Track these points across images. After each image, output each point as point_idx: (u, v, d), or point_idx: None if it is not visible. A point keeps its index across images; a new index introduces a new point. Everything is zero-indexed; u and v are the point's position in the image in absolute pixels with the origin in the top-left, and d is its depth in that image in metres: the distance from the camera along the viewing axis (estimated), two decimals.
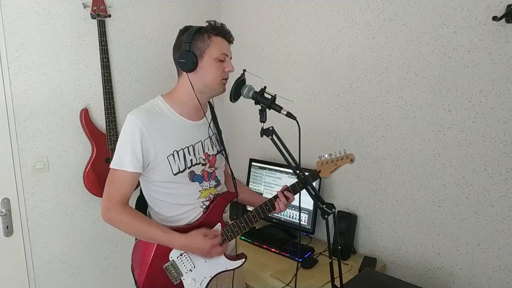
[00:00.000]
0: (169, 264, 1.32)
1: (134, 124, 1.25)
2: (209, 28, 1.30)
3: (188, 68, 1.28)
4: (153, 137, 1.26)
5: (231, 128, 2.63)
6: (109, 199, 1.27)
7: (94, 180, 1.95)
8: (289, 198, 1.39)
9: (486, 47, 1.47)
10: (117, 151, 1.28)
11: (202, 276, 1.35)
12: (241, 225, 1.38)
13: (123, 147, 1.26)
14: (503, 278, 1.53)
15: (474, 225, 1.58)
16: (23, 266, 1.83)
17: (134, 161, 1.25)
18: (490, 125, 1.50)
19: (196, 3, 2.41)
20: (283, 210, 1.39)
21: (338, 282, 1.23)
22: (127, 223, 1.27)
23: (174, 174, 1.31)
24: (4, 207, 1.75)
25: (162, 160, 1.29)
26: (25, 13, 1.75)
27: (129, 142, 1.25)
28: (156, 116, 1.29)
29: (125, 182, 1.27)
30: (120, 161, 1.26)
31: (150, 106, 1.32)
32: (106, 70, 1.95)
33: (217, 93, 1.35)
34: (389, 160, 1.82)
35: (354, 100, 1.91)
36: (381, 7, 1.76)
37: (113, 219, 1.27)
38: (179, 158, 1.32)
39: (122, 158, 1.26)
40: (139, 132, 1.24)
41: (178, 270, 1.33)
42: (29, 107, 1.80)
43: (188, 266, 1.33)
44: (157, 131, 1.27)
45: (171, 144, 1.30)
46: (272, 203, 1.39)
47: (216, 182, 1.42)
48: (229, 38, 1.34)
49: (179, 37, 1.32)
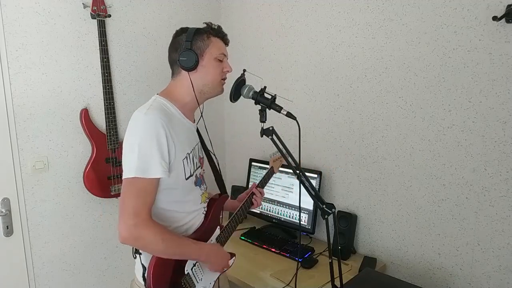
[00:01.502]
0: (186, 278, 1.27)
1: (156, 124, 1.13)
2: (207, 29, 1.29)
3: (190, 66, 1.24)
4: (173, 138, 1.17)
5: (231, 128, 2.63)
6: (136, 215, 1.09)
7: (94, 180, 1.95)
8: (262, 193, 1.62)
9: (486, 47, 1.47)
10: (138, 155, 1.11)
11: (208, 282, 1.37)
12: (233, 225, 1.48)
13: (147, 151, 1.11)
14: (503, 278, 1.53)
15: (474, 225, 1.58)
16: (23, 266, 1.83)
17: (163, 165, 1.13)
18: (490, 125, 1.50)
19: (196, 3, 2.41)
20: (260, 205, 1.61)
21: (338, 282, 1.23)
22: (159, 239, 1.12)
23: (186, 178, 1.25)
24: (4, 207, 1.75)
25: (178, 164, 1.21)
26: (25, 13, 1.75)
27: (154, 144, 1.12)
28: (170, 116, 1.21)
29: (151, 191, 1.13)
30: (146, 167, 1.11)
31: (159, 105, 1.21)
32: (106, 70, 1.95)
33: (216, 93, 1.35)
34: (389, 160, 1.82)
35: (354, 100, 1.91)
36: (381, 7, 1.76)
37: (143, 237, 1.11)
38: (190, 161, 1.27)
39: (148, 163, 1.11)
40: (164, 131, 1.13)
41: (192, 282, 1.30)
42: (29, 107, 1.80)
43: (200, 275, 1.32)
44: (174, 132, 1.18)
45: (184, 146, 1.25)
46: (250, 199, 1.57)
47: (206, 185, 1.43)
48: (226, 40, 1.35)
49: (176, 37, 1.30)
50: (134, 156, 1.11)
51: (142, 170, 1.10)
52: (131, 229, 1.09)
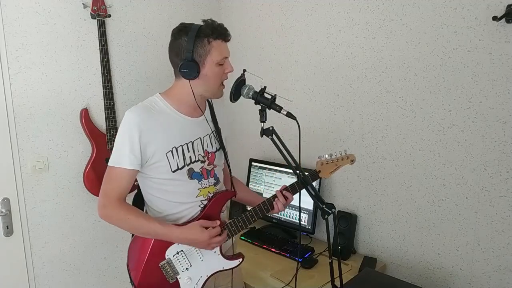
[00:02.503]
0: (165, 263, 1.31)
1: (132, 121, 1.25)
2: (208, 33, 1.26)
3: (190, 77, 1.27)
4: (152, 133, 1.26)
5: (231, 128, 2.63)
6: (106, 196, 1.27)
7: (94, 180, 1.95)
8: (287, 198, 1.38)
9: (486, 47, 1.47)
10: (114, 148, 1.28)
11: (198, 275, 1.34)
12: (239, 224, 1.37)
13: (120, 144, 1.26)
14: (503, 278, 1.53)
15: (474, 225, 1.58)
16: (23, 266, 1.83)
17: (132, 158, 1.25)
18: (490, 125, 1.50)
19: (196, 3, 2.41)
20: (281, 210, 1.39)
21: (338, 282, 1.23)
22: (123, 218, 1.27)
23: (173, 171, 1.31)
24: (4, 207, 1.75)
25: (161, 157, 1.29)
26: (25, 13, 1.76)
27: (127, 139, 1.24)
28: (154, 113, 1.29)
29: (122, 179, 1.27)
30: (117, 158, 1.26)
31: (147, 103, 1.32)
32: (106, 70, 1.95)
33: (216, 97, 1.38)
34: (389, 160, 1.82)
35: (354, 100, 1.91)
36: (381, 7, 1.76)
37: (110, 216, 1.28)
38: (178, 155, 1.31)
39: (119, 155, 1.26)
40: (137, 128, 1.24)
41: (174, 269, 1.32)
42: (29, 107, 1.80)
43: (185, 264, 1.32)
44: (156, 127, 1.27)
45: (170, 140, 1.30)
46: (271, 202, 1.38)
47: (215, 180, 1.41)
48: (227, 38, 1.32)
49: (176, 38, 1.29)
50: (113, 148, 1.29)
51: (115, 161, 1.27)
52: (101, 208, 1.27)
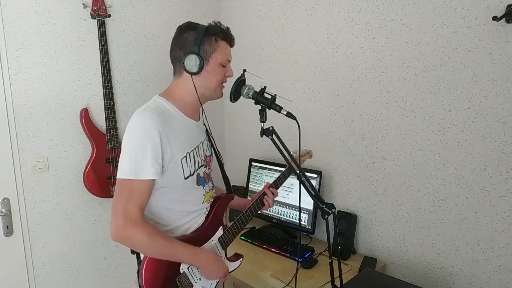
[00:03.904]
0: (182, 276, 1.27)
1: (150, 125, 1.14)
2: (217, 31, 1.25)
3: (194, 71, 1.23)
4: (168, 139, 1.17)
5: (231, 128, 2.63)
6: (126, 215, 1.12)
7: (94, 180, 1.95)
8: (274, 193, 1.52)
9: (486, 47, 1.47)
10: (128, 157, 1.13)
11: (209, 282, 1.35)
12: (238, 226, 1.41)
13: (139, 152, 1.12)
14: (503, 278, 1.53)
15: (474, 225, 1.58)
16: (23, 266, 1.83)
17: (156, 167, 1.13)
18: (490, 125, 1.50)
19: (196, 3, 2.41)
20: (271, 206, 1.51)
21: (338, 282, 1.23)
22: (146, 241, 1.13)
23: (185, 178, 1.24)
24: (4, 207, 1.75)
25: (176, 164, 1.21)
26: (25, 13, 1.75)
27: (148, 146, 1.12)
28: (167, 116, 1.21)
29: (144, 193, 1.14)
30: (137, 169, 1.12)
31: (155, 106, 1.22)
32: (106, 70, 1.95)
33: (216, 97, 1.34)
34: (389, 160, 1.82)
35: (354, 100, 1.91)
36: (381, 7, 1.76)
37: (131, 238, 1.13)
38: (190, 160, 1.26)
39: (139, 164, 1.12)
40: (157, 133, 1.13)
41: (188, 281, 1.29)
42: (29, 107, 1.80)
43: (198, 275, 1.31)
44: (170, 132, 1.19)
45: (184, 145, 1.24)
46: (261, 200, 1.49)
47: (212, 184, 1.41)
48: (232, 43, 1.32)
49: (182, 34, 1.25)
50: (126, 157, 1.14)
51: (134, 172, 1.12)
52: (119, 229, 1.13)
